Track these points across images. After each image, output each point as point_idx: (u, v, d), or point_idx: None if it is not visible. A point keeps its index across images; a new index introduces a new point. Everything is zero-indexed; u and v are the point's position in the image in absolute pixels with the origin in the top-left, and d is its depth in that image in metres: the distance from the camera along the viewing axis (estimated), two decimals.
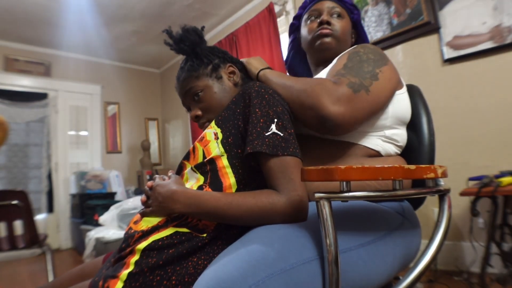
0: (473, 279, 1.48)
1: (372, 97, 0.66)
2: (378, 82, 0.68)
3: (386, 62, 0.73)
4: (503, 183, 1.21)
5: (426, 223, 1.65)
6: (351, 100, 0.63)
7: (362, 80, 0.66)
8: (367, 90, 0.65)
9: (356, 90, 0.64)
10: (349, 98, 0.62)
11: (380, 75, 0.69)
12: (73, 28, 3.21)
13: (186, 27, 0.79)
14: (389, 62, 0.74)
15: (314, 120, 0.64)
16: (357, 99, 0.63)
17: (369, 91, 0.65)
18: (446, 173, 0.50)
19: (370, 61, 0.71)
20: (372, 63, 0.71)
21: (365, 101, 0.65)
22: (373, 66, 0.70)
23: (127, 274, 0.57)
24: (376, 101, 0.67)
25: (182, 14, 3.16)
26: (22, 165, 3.51)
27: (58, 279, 0.79)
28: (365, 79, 0.66)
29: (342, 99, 0.62)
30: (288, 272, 0.47)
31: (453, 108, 1.78)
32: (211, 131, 0.69)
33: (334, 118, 0.61)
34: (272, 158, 0.60)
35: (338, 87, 0.63)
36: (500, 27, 1.60)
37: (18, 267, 2.77)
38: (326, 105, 0.61)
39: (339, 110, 0.61)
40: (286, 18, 2.77)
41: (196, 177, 0.68)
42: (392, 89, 0.72)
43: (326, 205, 0.45)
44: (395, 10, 2.01)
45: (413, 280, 0.52)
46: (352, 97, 0.63)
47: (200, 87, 0.77)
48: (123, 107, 4.26)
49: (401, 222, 0.67)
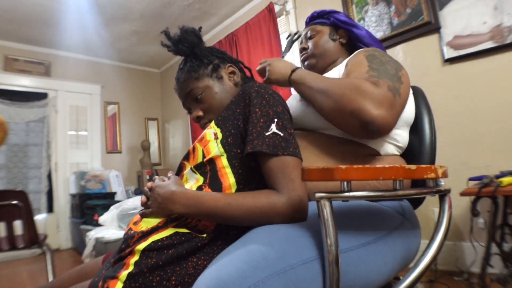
0: (474, 279, 1.48)
1: (403, 100, 0.67)
2: (403, 85, 0.69)
3: (400, 64, 0.75)
4: (503, 183, 1.21)
5: (426, 223, 1.65)
6: (392, 104, 0.63)
7: (394, 83, 0.67)
8: (399, 94, 0.66)
9: (394, 94, 0.64)
10: (391, 102, 0.63)
11: (403, 78, 0.71)
12: (73, 28, 3.21)
13: (184, 28, 0.79)
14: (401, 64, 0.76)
15: (356, 125, 0.63)
16: (395, 102, 0.64)
17: (400, 94, 0.66)
18: (447, 173, 0.50)
19: (390, 63, 0.73)
20: (393, 65, 0.72)
21: (400, 105, 0.66)
22: (395, 69, 0.71)
23: (127, 274, 0.57)
24: (403, 104, 0.69)
25: (182, 14, 3.15)
26: (22, 165, 3.51)
27: (58, 279, 0.79)
28: (395, 82, 0.67)
29: (385, 103, 0.62)
30: (288, 272, 0.47)
31: (453, 108, 1.78)
32: (211, 131, 0.69)
33: (377, 122, 0.61)
34: (272, 158, 0.59)
35: (379, 89, 0.63)
36: (500, 27, 1.60)
37: (18, 267, 2.76)
38: (369, 110, 0.60)
39: (382, 114, 0.61)
40: (286, 18, 2.77)
41: (195, 177, 0.68)
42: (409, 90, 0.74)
43: (327, 205, 0.45)
44: (395, 10, 2.01)
45: (413, 280, 0.52)
46: (393, 101, 0.63)
47: (201, 88, 0.77)
48: (123, 107, 4.26)
49: (401, 222, 0.67)
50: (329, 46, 0.98)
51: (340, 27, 0.99)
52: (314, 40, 1.00)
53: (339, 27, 0.99)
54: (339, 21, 0.98)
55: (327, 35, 0.99)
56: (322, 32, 1.00)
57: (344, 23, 0.97)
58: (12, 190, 1.59)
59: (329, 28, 1.00)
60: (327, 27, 1.01)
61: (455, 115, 1.77)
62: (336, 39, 0.99)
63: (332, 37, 0.99)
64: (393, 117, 0.63)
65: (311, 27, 1.03)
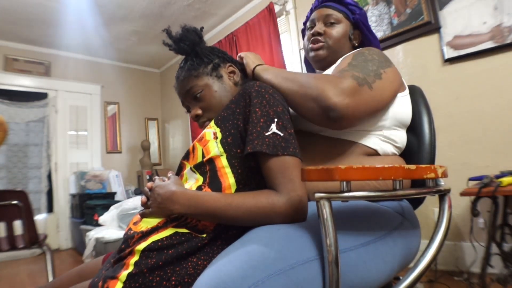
0: (474, 279, 1.48)
1: (375, 93, 0.66)
2: (381, 81, 0.68)
3: (390, 64, 0.74)
4: (503, 183, 1.21)
5: (426, 223, 1.65)
6: (355, 92, 0.62)
7: (366, 76, 0.66)
8: (370, 86, 0.65)
9: (360, 84, 0.64)
10: (354, 90, 0.62)
11: (384, 75, 0.69)
12: (73, 28, 3.21)
13: (186, 27, 0.79)
14: (393, 66, 0.75)
15: (318, 112, 0.63)
16: (361, 91, 0.63)
17: (372, 87, 0.65)
18: (446, 173, 0.50)
19: (375, 61, 0.72)
20: (376, 63, 0.71)
21: (369, 96, 0.64)
22: (378, 66, 0.70)
23: (127, 275, 0.57)
24: (378, 98, 0.67)
25: (182, 14, 3.15)
26: (22, 165, 3.51)
27: (58, 280, 0.79)
28: (369, 76, 0.67)
29: (347, 90, 0.61)
30: (288, 272, 0.47)
31: (453, 108, 1.78)
32: (210, 130, 0.69)
33: (338, 108, 0.60)
34: (272, 158, 0.59)
35: (342, 79, 0.63)
36: (500, 27, 1.60)
37: (18, 267, 2.77)
38: (330, 96, 0.60)
39: (344, 101, 0.60)
40: (286, 18, 2.77)
41: (195, 177, 0.68)
42: (394, 91, 0.73)
43: (327, 205, 0.45)
44: (395, 10, 2.01)
45: (413, 280, 0.52)
46: (357, 89, 0.63)
47: (200, 86, 0.77)
48: (123, 107, 4.26)
49: (401, 222, 0.67)
50: (345, 45, 0.88)
51: (360, 29, 0.89)
52: (336, 31, 0.87)
53: (358, 27, 0.89)
54: (362, 22, 0.88)
55: (348, 32, 0.88)
56: (344, 25, 0.88)
57: (367, 29, 0.89)
58: (12, 190, 1.59)
59: (350, 25, 0.89)
60: (348, 21, 0.88)
61: (455, 115, 1.77)
62: (352, 39, 0.89)
63: (351, 36, 0.89)
64: (356, 104, 0.61)
65: (333, 11, 0.88)
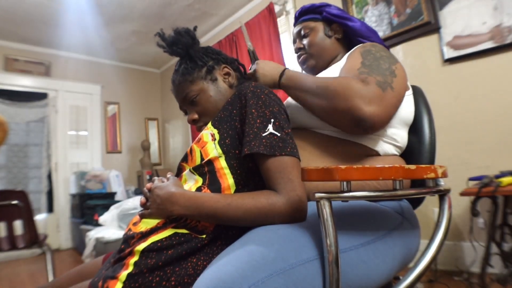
0: (473, 279, 1.48)
1: (397, 93, 0.68)
2: (397, 79, 0.70)
3: (396, 59, 0.76)
4: (503, 183, 1.21)
5: (426, 223, 1.65)
6: (382, 98, 0.64)
7: (384, 77, 0.67)
8: (391, 87, 0.67)
9: (384, 88, 0.65)
10: (380, 96, 0.64)
11: (397, 71, 0.71)
12: (73, 28, 3.21)
13: (178, 29, 0.78)
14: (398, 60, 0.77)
15: (349, 123, 0.65)
16: (386, 96, 0.65)
17: (393, 88, 0.67)
18: (446, 173, 0.50)
19: (384, 58, 0.73)
20: (386, 60, 0.73)
21: (393, 97, 0.67)
22: (389, 63, 0.72)
23: (127, 275, 0.57)
24: (398, 97, 0.70)
25: (182, 14, 3.15)
26: (22, 165, 3.51)
27: (58, 279, 0.79)
28: (386, 76, 0.68)
29: (374, 99, 0.63)
30: (288, 272, 0.47)
31: (453, 108, 1.78)
32: (208, 132, 0.69)
33: (370, 118, 0.62)
34: (270, 159, 0.59)
35: (367, 87, 0.64)
36: (500, 27, 1.60)
37: (18, 267, 2.77)
38: (361, 107, 0.62)
39: (374, 110, 0.63)
40: (286, 18, 2.77)
41: (194, 178, 0.68)
42: (406, 85, 0.75)
43: (327, 205, 0.45)
44: (395, 10, 2.01)
45: (413, 280, 0.52)
46: (382, 96, 0.64)
47: (195, 91, 0.77)
48: (123, 107, 4.26)
49: (401, 222, 0.67)
50: (326, 44, 0.93)
51: (333, 21, 0.93)
52: (310, 39, 0.94)
53: (332, 21, 0.93)
54: (331, 15, 0.92)
55: (322, 32, 0.93)
56: (316, 29, 0.94)
57: (336, 17, 0.92)
58: (12, 190, 1.59)
59: (322, 24, 0.94)
60: (320, 22, 0.94)
61: (455, 115, 1.77)
62: (331, 35, 0.94)
63: (327, 33, 0.93)
64: (385, 110, 0.65)
65: (303, 25, 0.96)
